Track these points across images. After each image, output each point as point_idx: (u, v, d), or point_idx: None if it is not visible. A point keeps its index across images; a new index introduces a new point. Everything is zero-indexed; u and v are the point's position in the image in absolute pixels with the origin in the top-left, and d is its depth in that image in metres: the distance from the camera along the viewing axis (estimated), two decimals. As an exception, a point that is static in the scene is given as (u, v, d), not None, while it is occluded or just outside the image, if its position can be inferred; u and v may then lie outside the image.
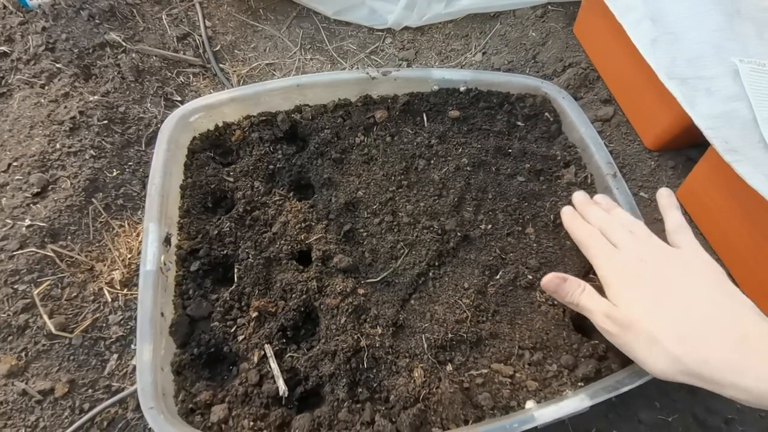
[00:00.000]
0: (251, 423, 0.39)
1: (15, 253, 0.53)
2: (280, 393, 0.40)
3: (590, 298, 0.40)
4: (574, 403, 0.39)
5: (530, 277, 0.48)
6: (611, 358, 0.43)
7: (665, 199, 0.47)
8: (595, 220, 0.47)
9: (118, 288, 0.55)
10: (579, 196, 0.51)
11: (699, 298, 0.36)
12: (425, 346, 0.44)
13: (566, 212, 0.49)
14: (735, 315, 0.35)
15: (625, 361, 0.43)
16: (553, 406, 0.39)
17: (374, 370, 0.43)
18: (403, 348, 0.44)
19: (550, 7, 0.75)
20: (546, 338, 0.44)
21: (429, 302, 0.47)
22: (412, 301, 0.47)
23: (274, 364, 0.42)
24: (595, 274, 0.44)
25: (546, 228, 0.51)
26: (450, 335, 0.44)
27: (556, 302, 0.47)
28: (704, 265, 0.39)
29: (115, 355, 0.52)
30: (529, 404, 0.40)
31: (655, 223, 0.58)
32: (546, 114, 0.58)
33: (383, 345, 0.44)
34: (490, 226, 0.51)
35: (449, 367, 0.43)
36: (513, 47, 0.74)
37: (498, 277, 0.48)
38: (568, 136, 0.57)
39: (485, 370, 0.42)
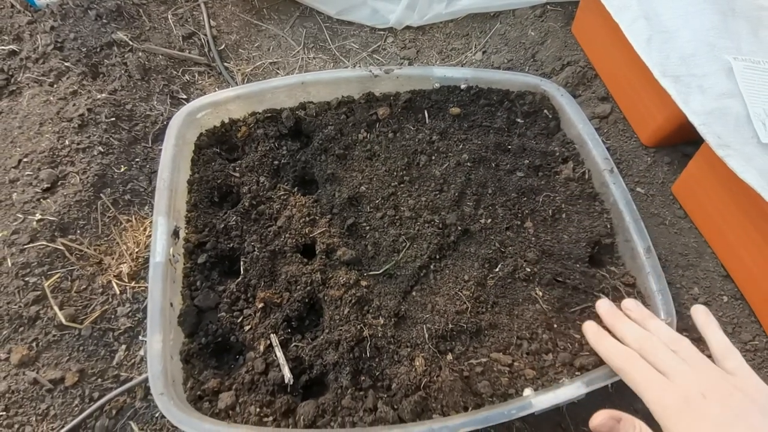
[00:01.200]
0: (257, 409, 0.40)
1: (26, 246, 0.55)
2: (286, 381, 0.41)
3: None
4: (570, 390, 0.40)
5: (528, 269, 0.49)
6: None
7: (703, 317, 0.42)
8: (632, 340, 0.40)
9: (126, 281, 0.56)
10: (605, 306, 0.44)
11: None
12: (426, 336, 0.45)
13: (591, 330, 0.43)
14: None
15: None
16: (550, 393, 0.40)
17: (376, 359, 0.44)
18: (405, 338, 0.45)
19: (548, 6, 0.76)
20: (543, 329, 0.45)
21: (430, 294, 0.48)
22: (414, 293, 0.48)
23: (279, 353, 0.43)
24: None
25: (544, 222, 0.52)
26: (450, 326, 0.45)
27: (552, 294, 0.48)
28: (765, 396, 0.35)
29: (124, 346, 0.53)
30: (527, 392, 0.41)
31: (651, 218, 0.59)
32: (545, 111, 0.59)
33: (385, 335, 0.45)
34: (489, 220, 0.52)
35: (449, 357, 0.44)
36: (513, 46, 0.75)
37: (497, 269, 0.49)
38: (566, 133, 0.58)
39: (484, 359, 0.43)
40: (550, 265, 0.49)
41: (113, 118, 0.65)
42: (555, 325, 0.46)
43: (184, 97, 0.72)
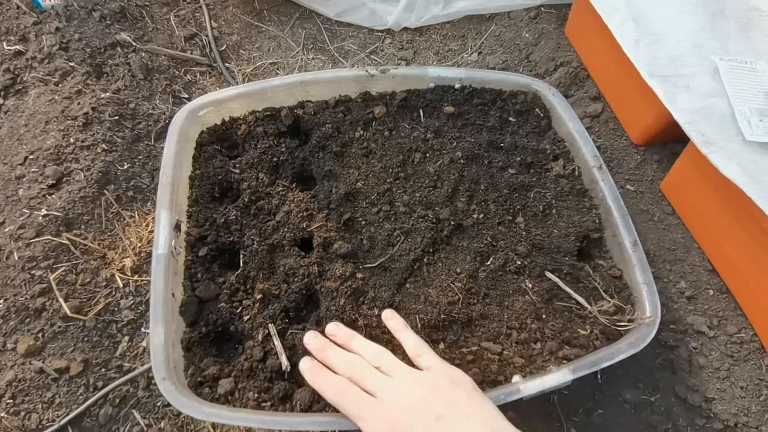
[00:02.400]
0: (256, 395, 0.42)
1: (32, 240, 0.56)
2: (283, 368, 0.43)
3: None
4: (557, 377, 0.42)
5: (519, 262, 0.50)
6: (595, 336, 0.46)
7: (393, 322, 0.45)
8: (341, 369, 0.41)
9: (129, 274, 0.58)
10: (311, 340, 0.44)
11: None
12: (419, 325, 0.46)
13: (305, 367, 0.42)
14: None
15: (609, 341, 0.46)
16: (537, 380, 0.42)
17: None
18: (399, 328, 0.47)
19: (542, 9, 0.78)
20: (532, 319, 0.47)
21: (423, 286, 0.50)
22: (408, 285, 0.50)
23: (277, 341, 0.44)
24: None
25: (535, 217, 0.54)
26: (443, 316, 0.47)
27: (542, 286, 0.49)
28: (457, 386, 0.38)
29: (127, 337, 0.55)
30: (515, 378, 0.43)
31: (641, 214, 0.60)
32: (536, 110, 0.61)
33: (380, 325, 0.47)
34: (482, 215, 0.54)
35: (441, 345, 0.46)
36: (507, 47, 0.77)
37: (489, 262, 0.51)
38: (557, 131, 0.60)
39: (475, 348, 0.45)
40: (540, 258, 0.51)
41: (117, 117, 0.67)
42: (543, 316, 0.47)
43: (186, 96, 0.74)
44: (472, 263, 0.50)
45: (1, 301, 0.54)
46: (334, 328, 0.45)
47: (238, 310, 0.47)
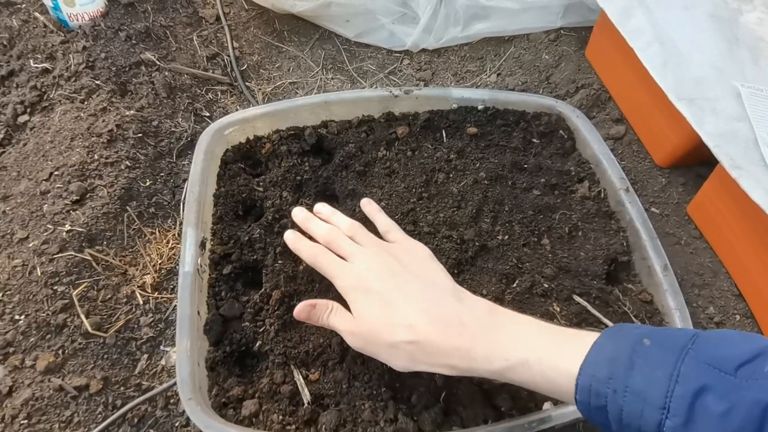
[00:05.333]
0: (280, 418, 0.41)
1: (55, 256, 0.56)
2: (305, 402, 0.42)
3: (336, 318, 0.42)
4: (590, 405, 0.40)
5: (546, 285, 0.50)
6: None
7: (370, 206, 0.51)
8: (320, 236, 0.47)
9: (149, 291, 0.58)
10: (298, 214, 0.49)
11: (417, 295, 0.40)
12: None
13: (289, 236, 0.47)
14: (443, 305, 0.40)
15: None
16: (569, 407, 0.40)
17: (396, 372, 0.45)
18: (425, 351, 0.46)
19: (562, 31, 0.79)
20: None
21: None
22: (433, 307, 0.49)
23: (298, 376, 0.44)
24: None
25: (561, 239, 0.53)
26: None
27: (570, 310, 0.48)
28: (416, 255, 0.45)
29: (146, 355, 0.54)
30: (546, 405, 0.41)
31: (666, 237, 0.60)
32: (560, 132, 0.61)
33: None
34: (507, 236, 0.53)
35: (469, 370, 0.45)
36: (527, 69, 0.78)
37: (515, 285, 0.50)
38: (581, 153, 0.60)
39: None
40: (567, 281, 0.50)
41: (140, 134, 0.67)
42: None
43: (208, 114, 0.75)
44: (498, 285, 0.50)
45: (23, 316, 0.53)
46: (319, 206, 0.51)
47: (261, 330, 0.47)
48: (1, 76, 0.74)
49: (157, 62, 0.76)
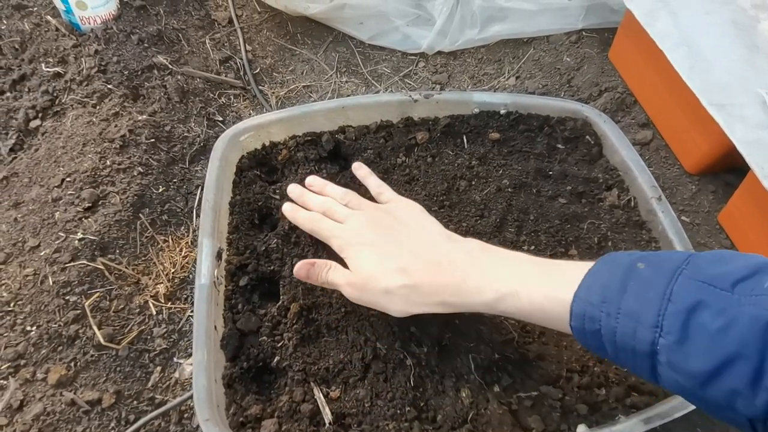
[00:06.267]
0: (301, 438, 0.39)
1: (67, 265, 0.55)
2: (326, 423, 0.40)
3: (335, 273, 0.43)
4: (627, 428, 0.38)
5: (575, 298, 0.47)
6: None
7: (362, 170, 0.53)
8: (315, 206, 0.49)
9: (162, 301, 0.56)
10: (294, 189, 0.51)
11: (409, 242, 0.42)
12: (472, 366, 0.44)
13: (287, 208, 0.50)
14: (433, 246, 0.41)
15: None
16: (605, 431, 0.38)
17: (420, 389, 0.43)
18: (449, 367, 0.44)
19: (584, 33, 0.77)
20: (594, 361, 0.44)
21: (474, 321, 0.47)
22: (457, 321, 0.47)
23: (319, 394, 0.42)
24: None
25: (590, 250, 0.51)
26: (497, 355, 0.44)
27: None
28: (407, 210, 0.46)
29: (159, 368, 0.53)
30: (581, 429, 0.39)
31: (698, 247, 0.57)
32: (586, 137, 0.58)
33: (429, 364, 0.44)
34: (533, 247, 0.51)
35: (496, 388, 0.43)
36: (547, 72, 0.75)
37: (542, 298, 0.48)
38: (609, 159, 0.58)
39: (534, 393, 0.42)
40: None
41: (153, 140, 0.66)
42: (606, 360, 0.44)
43: (220, 119, 0.74)
44: (525, 298, 0.48)
45: (35, 327, 0.52)
46: (311, 179, 0.52)
47: (279, 344, 0.45)
48: (13, 80, 0.73)
49: (170, 66, 0.74)
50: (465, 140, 0.59)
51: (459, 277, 0.38)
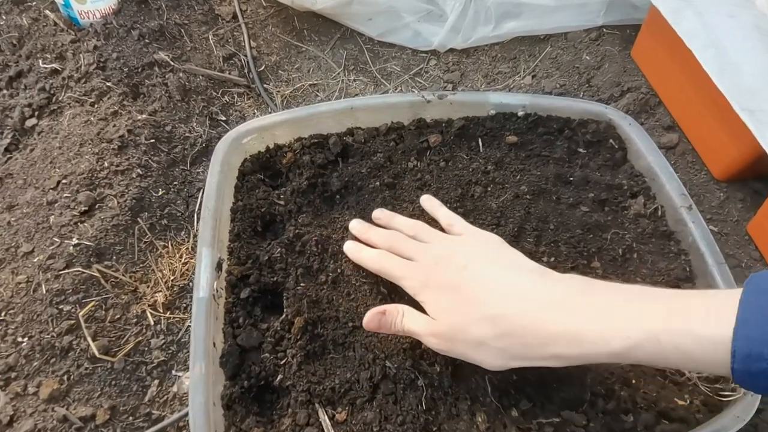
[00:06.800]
0: (305, 466, 0.37)
1: (61, 272, 0.52)
2: None
3: (412, 321, 0.39)
4: (658, 460, 0.35)
5: (599, 315, 0.44)
6: (696, 408, 0.40)
7: (429, 202, 0.49)
8: (380, 242, 0.45)
9: (161, 311, 0.54)
10: (357, 226, 0.48)
11: (497, 282, 0.37)
12: (488, 387, 0.41)
13: (349, 248, 0.46)
14: (528, 286, 0.36)
15: (711, 414, 0.39)
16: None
17: (432, 413, 0.40)
18: (464, 389, 0.41)
19: (604, 30, 0.73)
20: (620, 385, 0.41)
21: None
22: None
23: (324, 416, 0.39)
24: None
25: (614, 262, 0.48)
26: (515, 377, 0.41)
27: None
28: (488, 243, 0.42)
29: (156, 381, 0.50)
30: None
31: (727, 259, 0.54)
32: (610, 141, 0.55)
33: (442, 385, 0.41)
34: (552, 258, 0.48)
35: (515, 413, 0.40)
36: (565, 71, 0.72)
37: (563, 314, 0.45)
38: (634, 165, 0.54)
39: (556, 419, 0.39)
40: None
41: (153, 140, 0.63)
42: (633, 381, 0.41)
43: (223, 118, 0.71)
44: (544, 314, 0.45)
45: (26, 338, 0.50)
46: (378, 213, 0.49)
47: (283, 362, 0.42)
48: (10, 77, 0.71)
49: (171, 63, 0.71)
50: (480, 143, 0.55)
51: (572, 324, 0.32)
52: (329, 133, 0.55)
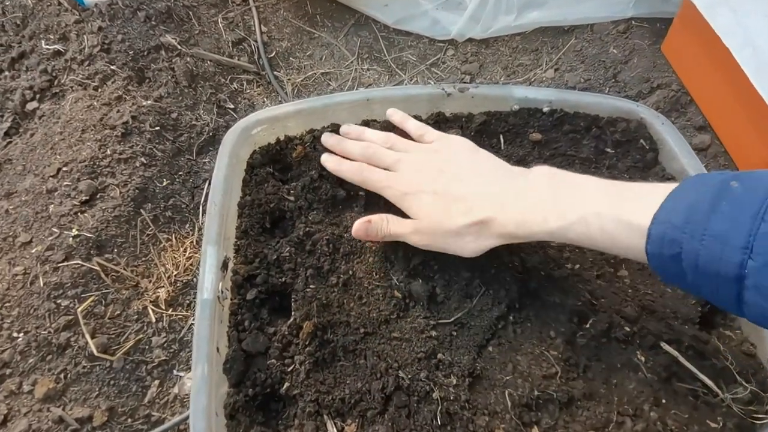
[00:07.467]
0: (312, 482, 0.34)
1: (60, 265, 0.50)
2: None
3: (397, 225, 0.42)
4: (691, 489, 0.33)
5: (627, 328, 0.42)
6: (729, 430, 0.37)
7: (395, 115, 0.50)
8: (358, 154, 0.47)
9: (163, 307, 0.51)
10: (328, 138, 0.49)
11: (468, 179, 0.41)
12: (508, 403, 0.38)
13: (327, 159, 0.48)
14: (494, 180, 0.40)
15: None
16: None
17: (448, 428, 0.38)
18: (482, 403, 0.39)
19: (633, 22, 0.69)
20: (650, 405, 0.38)
21: (510, 351, 0.41)
22: (491, 348, 0.42)
23: (332, 428, 0.37)
24: None
25: (642, 271, 0.45)
26: (537, 392, 0.39)
27: (657, 361, 0.40)
28: (459, 146, 0.44)
29: (157, 381, 0.48)
30: (636, 486, 0.34)
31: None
32: (641, 141, 0.52)
33: (458, 398, 0.39)
34: (577, 265, 0.45)
35: (535, 430, 0.38)
36: (590, 64, 0.68)
37: (588, 325, 0.42)
38: (665, 167, 0.51)
39: (580, 439, 0.36)
40: (652, 324, 0.42)
41: (158, 127, 0.61)
42: (663, 401, 0.39)
43: (232, 106, 0.68)
44: (568, 325, 0.42)
45: (22, 334, 0.48)
46: (345, 128, 0.50)
47: (290, 369, 0.40)
48: (12, 58, 0.68)
49: (179, 47, 0.68)
50: (502, 140, 0.52)
51: (522, 208, 0.37)
52: (344, 125, 0.52)
